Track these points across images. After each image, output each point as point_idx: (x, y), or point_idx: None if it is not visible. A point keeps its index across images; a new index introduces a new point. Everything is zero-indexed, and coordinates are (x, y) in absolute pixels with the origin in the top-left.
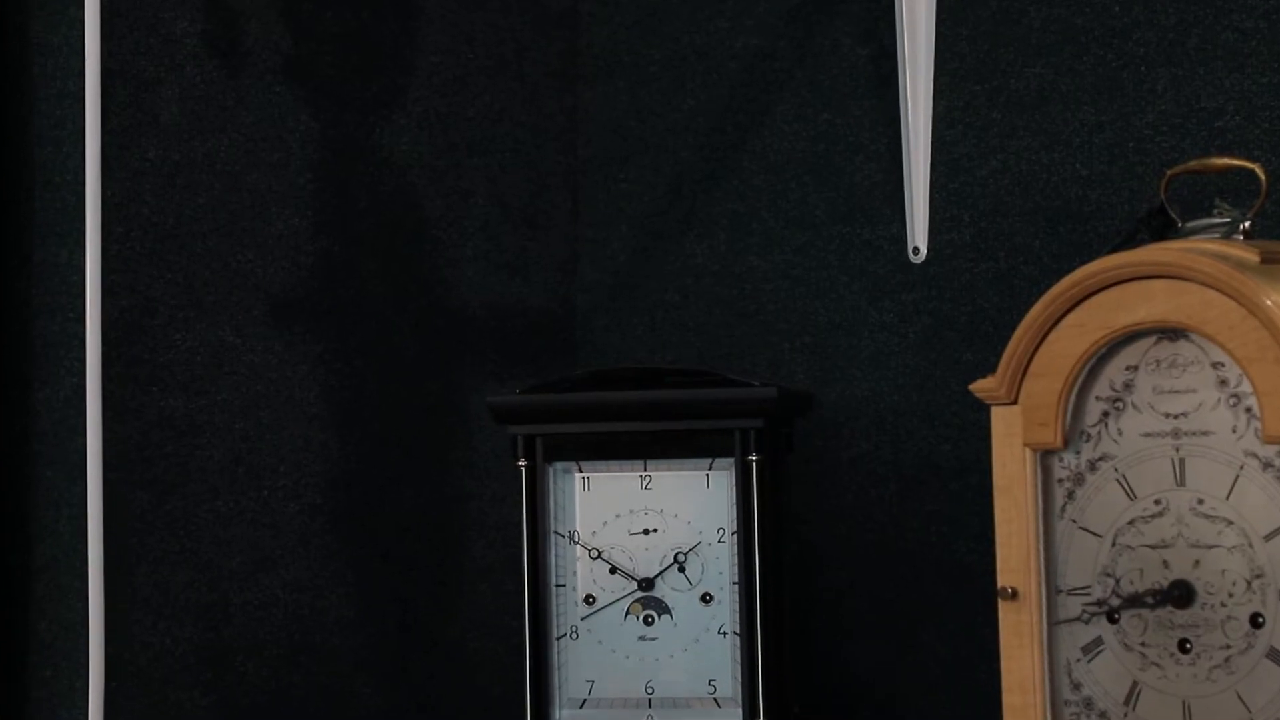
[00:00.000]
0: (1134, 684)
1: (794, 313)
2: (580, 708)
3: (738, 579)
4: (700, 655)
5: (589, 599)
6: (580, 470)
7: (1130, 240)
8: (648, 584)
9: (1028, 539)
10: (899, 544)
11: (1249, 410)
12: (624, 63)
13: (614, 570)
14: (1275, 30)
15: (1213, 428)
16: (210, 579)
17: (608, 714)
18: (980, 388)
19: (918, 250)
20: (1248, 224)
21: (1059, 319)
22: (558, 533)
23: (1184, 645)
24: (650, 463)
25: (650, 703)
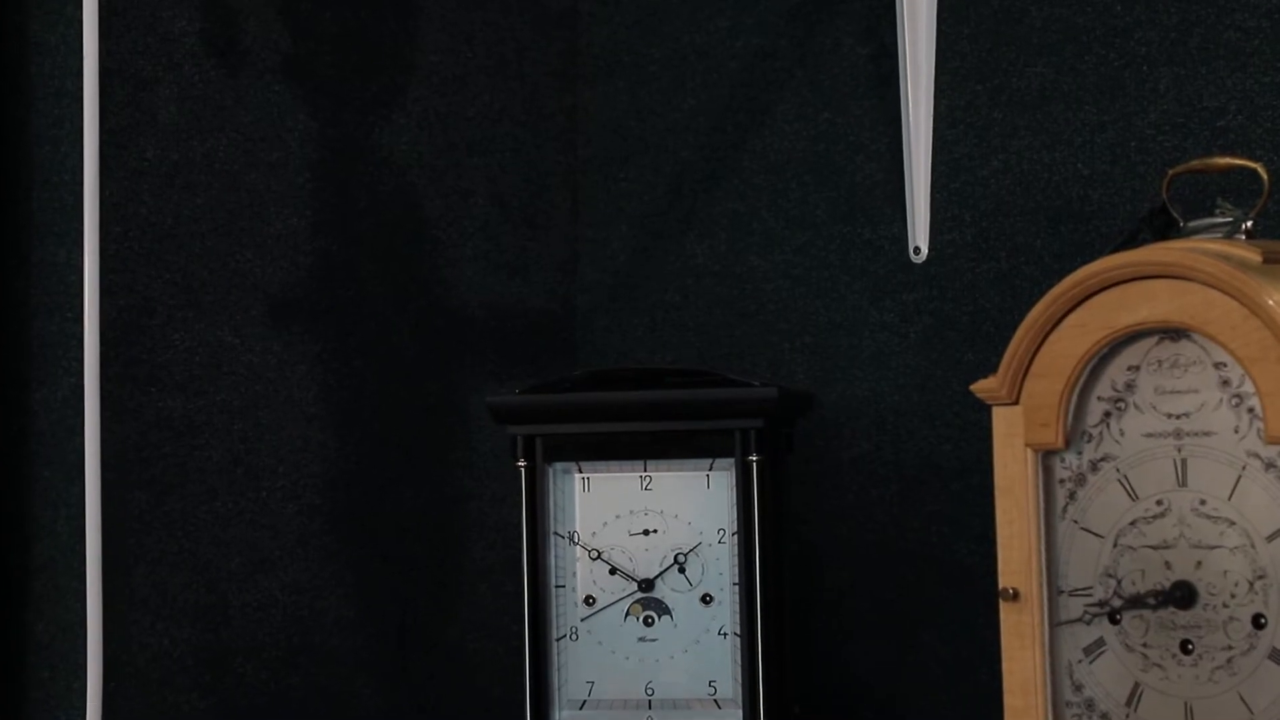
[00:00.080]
0: (1136, 685)
1: (795, 313)
2: (580, 709)
3: (738, 580)
4: (700, 656)
5: (589, 600)
6: (580, 471)
7: (1132, 240)
8: (648, 585)
9: (1029, 540)
10: (900, 545)
11: (1251, 411)
12: (624, 62)
13: (614, 571)
14: (1278, 29)
15: (1215, 428)
16: (209, 580)
17: (608, 715)
18: (981, 388)
19: (919, 250)
20: (1250, 224)
21: (1060, 319)
22: (557, 533)
23: (1186, 646)
24: (650, 463)
25: (650, 704)
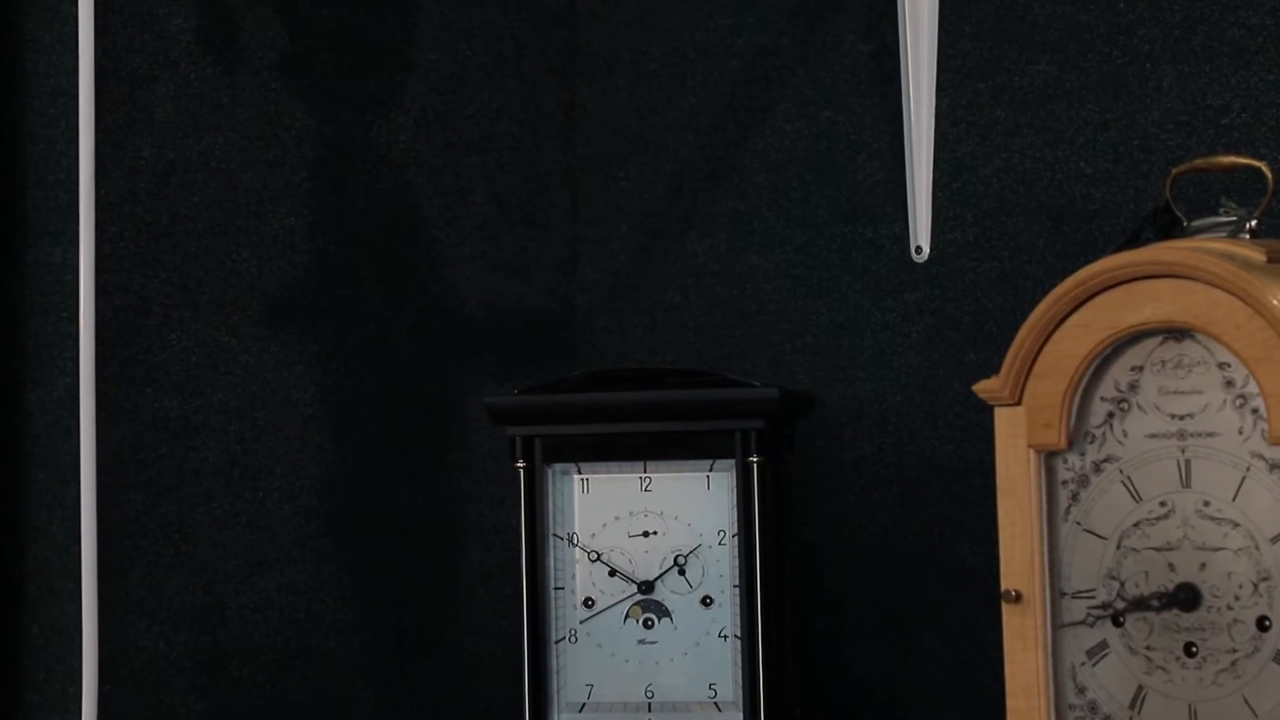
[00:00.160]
0: (1139, 688)
1: (795, 312)
2: (579, 712)
3: (738, 582)
4: (701, 658)
5: (588, 602)
6: (579, 472)
7: (1135, 239)
8: (647, 587)
9: (1031, 541)
10: (901, 546)
11: (1255, 411)
12: (623, 60)
13: (613, 573)
14: None
15: (1219, 429)
16: (205, 582)
17: (607, 718)
18: (984, 388)
19: (920, 249)
20: (1254, 223)
21: (1063, 319)
22: (556, 535)
23: (1190, 649)
24: (650, 464)
25: (650, 707)
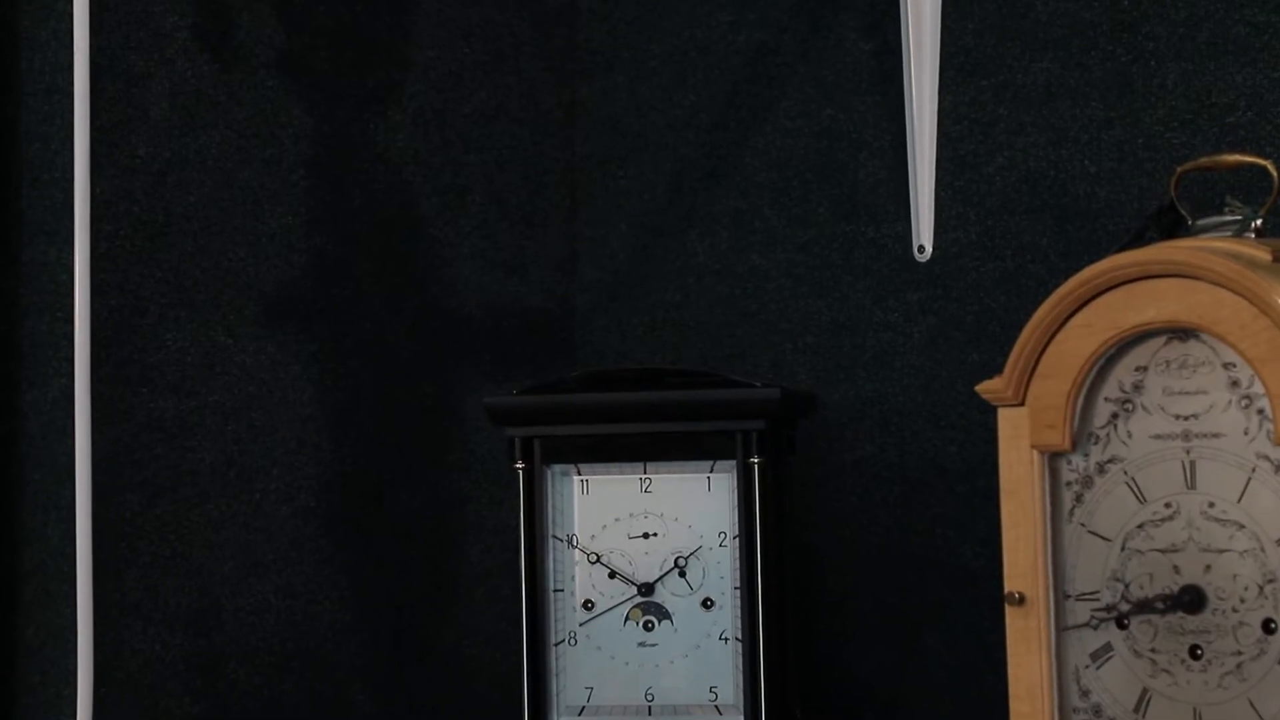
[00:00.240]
0: (1144, 691)
1: (797, 312)
2: (579, 715)
3: (739, 584)
4: (701, 661)
5: (588, 604)
6: (579, 473)
7: (1139, 238)
8: (648, 589)
9: (1035, 543)
10: (904, 548)
11: (1261, 412)
12: (623, 57)
13: (613, 575)
14: None
15: (1224, 430)
16: (201, 584)
17: None
18: (987, 389)
19: (923, 249)
20: (1259, 222)
21: (1067, 319)
22: (556, 537)
23: (1195, 652)
24: (650, 465)
25: (650, 710)
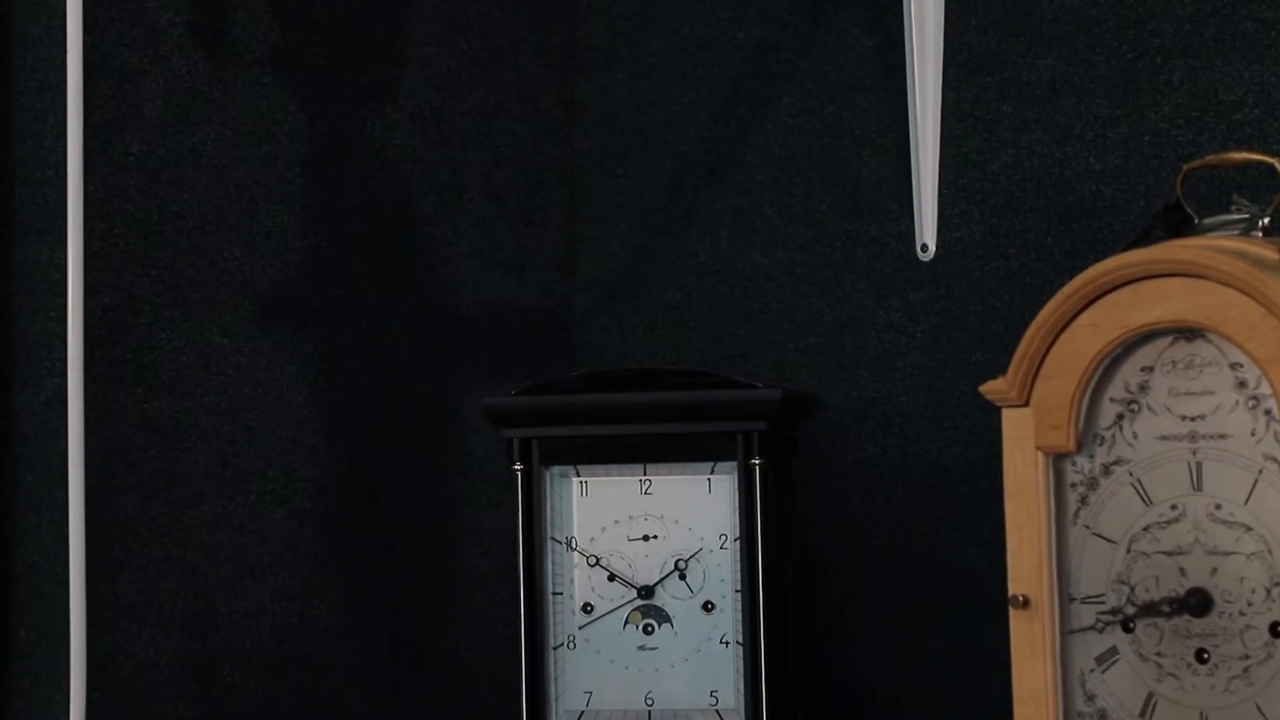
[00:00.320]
0: (1150, 695)
1: (798, 312)
2: (578, 719)
3: (740, 586)
4: (702, 665)
5: (587, 607)
6: (578, 474)
7: (1145, 237)
8: (647, 592)
9: (1040, 545)
10: (906, 550)
11: (1268, 413)
12: (623, 54)
13: (613, 578)
14: None
15: (1231, 431)
16: (196, 587)
17: None
18: (991, 389)
19: (926, 247)
20: (1267, 220)
21: (1072, 318)
22: (555, 539)
23: (1201, 655)
24: (650, 467)
25: (650, 714)
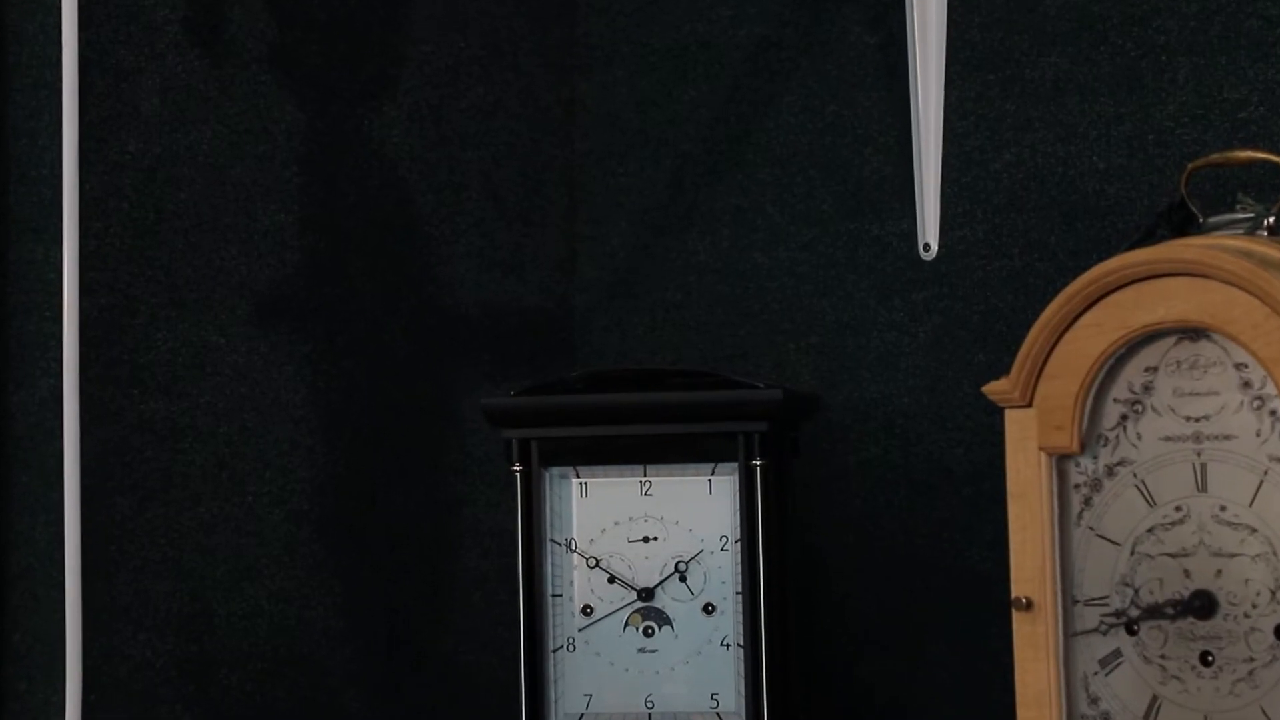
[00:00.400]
0: (1154, 698)
1: (800, 312)
2: None
3: (741, 589)
4: (702, 668)
5: (586, 609)
6: (578, 475)
7: (1150, 236)
8: (648, 594)
9: (1043, 547)
10: (909, 552)
11: (1273, 414)
12: (623, 52)
13: (612, 580)
14: None
15: (1235, 431)
16: (192, 588)
17: None
18: (993, 390)
19: (928, 247)
20: (1272, 219)
21: (1075, 318)
22: (554, 540)
23: (1206, 658)
24: (650, 468)
25: (650, 717)
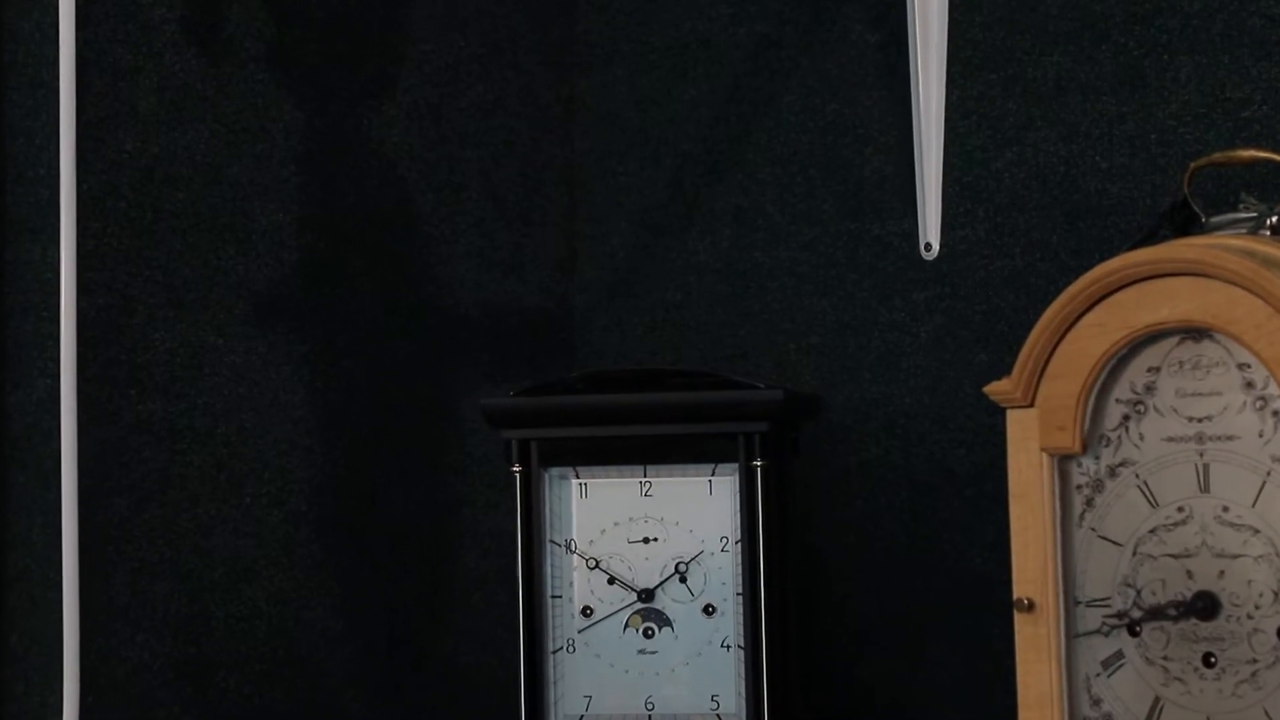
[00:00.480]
0: (1156, 700)
1: (800, 312)
2: None
3: (741, 590)
4: (702, 669)
5: (586, 611)
6: (577, 476)
7: (1152, 236)
8: (648, 595)
9: (1045, 548)
10: (910, 552)
11: (1276, 414)
12: (623, 51)
13: (612, 581)
14: None
15: (1238, 432)
16: (190, 590)
17: None
18: (995, 390)
19: (930, 246)
20: (1275, 218)
21: (1078, 318)
22: (554, 541)
23: (1208, 659)
24: (650, 468)
25: (650, 719)
